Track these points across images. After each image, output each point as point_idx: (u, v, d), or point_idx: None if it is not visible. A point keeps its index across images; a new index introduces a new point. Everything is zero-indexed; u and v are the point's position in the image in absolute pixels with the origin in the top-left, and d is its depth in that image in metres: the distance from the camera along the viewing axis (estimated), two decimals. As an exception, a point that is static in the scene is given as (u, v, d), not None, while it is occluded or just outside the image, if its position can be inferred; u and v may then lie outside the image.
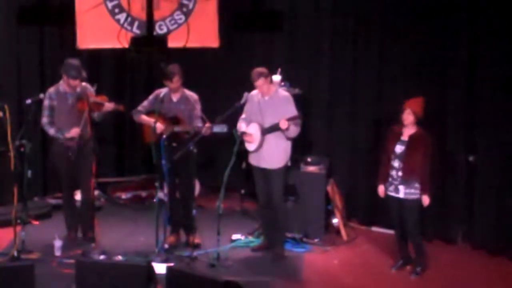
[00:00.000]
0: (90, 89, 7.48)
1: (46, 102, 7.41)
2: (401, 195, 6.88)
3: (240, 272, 6.95)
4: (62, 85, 7.44)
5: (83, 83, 7.46)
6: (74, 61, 7.36)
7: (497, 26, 7.42)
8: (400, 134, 6.92)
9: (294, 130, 7.05)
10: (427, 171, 6.82)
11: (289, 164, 7.33)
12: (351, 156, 8.49)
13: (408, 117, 6.84)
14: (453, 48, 7.75)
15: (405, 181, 6.83)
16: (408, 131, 6.89)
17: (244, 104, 7.28)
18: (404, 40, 8.01)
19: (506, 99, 7.47)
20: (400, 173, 6.85)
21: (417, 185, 6.83)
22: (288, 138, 7.13)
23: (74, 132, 7.33)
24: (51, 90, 7.47)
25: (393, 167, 6.89)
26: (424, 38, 7.87)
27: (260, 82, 7.06)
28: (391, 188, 6.93)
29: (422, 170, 6.79)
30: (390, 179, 6.93)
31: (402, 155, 6.84)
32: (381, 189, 7.03)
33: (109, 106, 7.38)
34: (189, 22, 8.86)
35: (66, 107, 7.41)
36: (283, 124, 6.92)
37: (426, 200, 6.85)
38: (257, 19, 8.98)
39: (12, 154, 7.05)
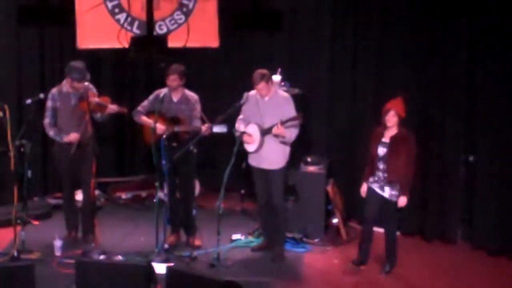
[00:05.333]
0: (93, 89, 7.47)
1: (49, 103, 7.41)
2: (386, 195, 6.88)
3: (240, 272, 6.95)
4: (65, 86, 7.44)
5: (86, 83, 7.45)
6: (79, 64, 7.35)
7: (497, 26, 7.42)
8: (382, 135, 6.90)
9: (291, 133, 7.03)
10: (409, 171, 6.79)
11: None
12: (351, 156, 8.49)
13: (393, 118, 6.82)
14: (453, 48, 7.76)
15: (390, 182, 6.83)
16: (390, 132, 6.87)
17: (243, 104, 7.27)
18: (404, 40, 8.01)
19: (506, 99, 7.47)
20: (385, 175, 6.85)
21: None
22: (284, 143, 7.11)
23: (73, 137, 7.32)
24: (54, 91, 7.47)
25: (378, 169, 6.89)
26: (424, 38, 7.87)
27: (261, 85, 7.05)
28: (376, 185, 6.92)
29: (404, 171, 6.78)
30: (376, 178, 6.92)
31: (385, 157, 6.83)
32: (363, 188, 7.03)
33: (112, 108, 7.37)
34: (189, 22, 8.86)
35: (69, 108, 7.41)
36: (276, 130, 6.91)
37: (403, 201, 6.82)
38: (257, 19, 8.97)
39: (12, 154, 7.05)
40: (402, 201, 6.83)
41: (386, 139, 6.87)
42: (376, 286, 6.90)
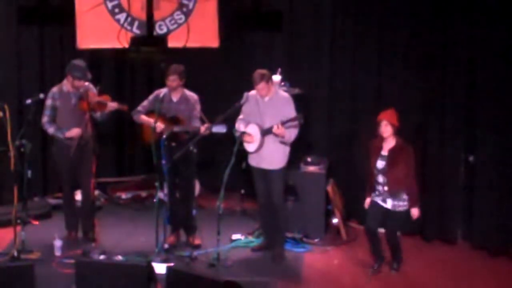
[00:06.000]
0: (93, 89, 7.48)
1: (49, 102, 7.42)
2: (388, 206, 6.87)
3: (240, 272, 6.95)
4: (65, 85, 7.45)
5: (86, 83, 7.45)
6: (80, 63, 7.37)
7: (497, 26, 7.42)
8: (381, 148, 6.88)
9: (291, 134, 7.03)
10: (413, 182, 6.80)
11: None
12: (351, 156, 8.48)
13: (386, 129, 6.80)
14: (453, 48, 7.76)
15: (392, 194, 6.82)
16: (388, 144, 6.85)
17: (244, 104, 7.27)
18: (404, 40, 8.01)
19: (506, 99, 7.47)
20: (386, 188, 6.83)
21: (405, 196, 6.81)
22: (284, 143, 7.11)
23: (75, 132, 7.34)
24: (55, 89, 7.48)
25: (378, 182, 6.87)
26: (424, 38, 7.87)
27: (261, 85, 7.05)
28: (379, 198, 6.90)
29: (407, 183, 6.76)
30: (377, 192, 6.91)
31: (384, 170, 6.81)
32: (367, 202, 7.01)
33: (112, 105, 7.38)
34: (189, 22, 8.86)
35: (69, 107, 7.42)
36: (276, 129, 6.91)
37: (415, 213, 6.86)
38: (257, 19, 8.98)
39: (12, 154, 7.06)
40: (415, 213, 6.86)
41: (384, 152, 6.86)
42: (376, 286, 6.90)
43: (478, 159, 7.74)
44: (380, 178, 6.85)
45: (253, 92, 7.23)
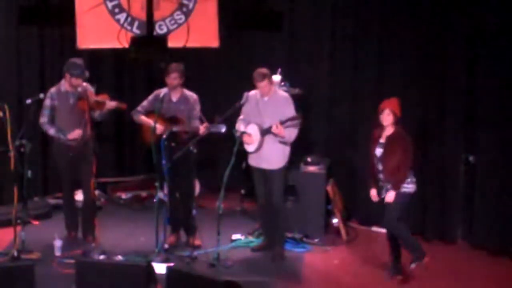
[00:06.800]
0: (91, 89, 7.48)
1: (47, 102, 7.42)
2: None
3: (240, 272, 6.95)
4: (63, 85, 7.45)
5: (84, 83, 7.46)
6: (78, 60, 7.37)
7: (497, 26, 7.42)
8: (380, 136, 6.88)
9: (291, 133, 7.03)
10: (403, 169, 6.68)
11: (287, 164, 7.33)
12: (351, 156, 8.49)
13: (387, 117, 6.77)
14: (453, 48, 7.77)
15: (388, 182, 6.78)
16: (387, 132, 6.84)
17: (244, 104, 7.27)
18: (404, 40, 8.02)
19: (506, 98, 7.48)
20: (382, 176, 6.81)
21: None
22: (284, 142, 7.10)
23: (77, 134, 7.34)
24: (53, 90, 7.48)
25: (378, 170, 6.85)
26: (424, 38, 7.88)
27: (263, 83, 7.06)
28: (383, 191, 6.84)
29: (399, 169, 6.70)
30: (380, 183, 6.86)
31: (382, 157, 6.81)
32: (373, 193, 6.92)
33: (111, 104, 7.38)
34: (189, 22, 8.86)
35: (67, 107, 7.42)
36: (275, 129, 6.91)
37: (391, 196, 6.70)
38: (257, 19, 8.98)
39: (12, 154, 7.06)
40: (390, 196, 6.72)
41: (383, 139, 6.85)
42: (376, 286, 6.90)
43: (478, 159, 7.74)
44: (380, 166, 6.83)
45: (253, 92, 7.23)
